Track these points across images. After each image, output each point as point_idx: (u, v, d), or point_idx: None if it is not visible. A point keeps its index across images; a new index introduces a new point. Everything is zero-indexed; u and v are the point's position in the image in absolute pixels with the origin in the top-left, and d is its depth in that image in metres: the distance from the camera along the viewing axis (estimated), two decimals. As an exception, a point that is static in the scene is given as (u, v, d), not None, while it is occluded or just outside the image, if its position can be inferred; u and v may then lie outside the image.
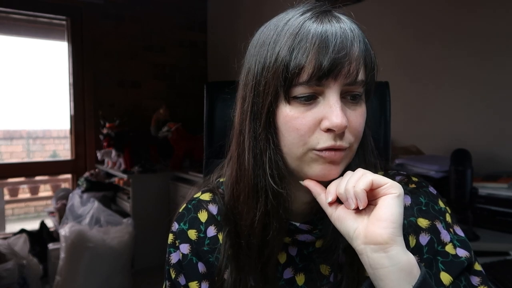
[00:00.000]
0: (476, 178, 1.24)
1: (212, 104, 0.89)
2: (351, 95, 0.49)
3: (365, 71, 0.49)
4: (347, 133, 0.48)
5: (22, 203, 4.22)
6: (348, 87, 0.48)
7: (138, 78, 3.10)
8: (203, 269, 0.58)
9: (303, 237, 0.55)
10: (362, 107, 0.50)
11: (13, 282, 1.98)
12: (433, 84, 1.74)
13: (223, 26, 3.20)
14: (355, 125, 0.49)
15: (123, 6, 2.99)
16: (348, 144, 0.49)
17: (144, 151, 2.73)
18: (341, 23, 0.48)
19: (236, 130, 0.54)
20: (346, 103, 0.49)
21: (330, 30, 0.47)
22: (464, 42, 1.61)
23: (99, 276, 2.13)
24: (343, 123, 0.46)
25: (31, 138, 4.31)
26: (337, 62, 0.45)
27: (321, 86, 0.47)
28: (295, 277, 0.57)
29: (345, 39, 0.46)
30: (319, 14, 0.48)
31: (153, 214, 2.63)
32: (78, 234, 2.11)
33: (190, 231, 0.60)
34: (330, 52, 0.45)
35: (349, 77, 0.47)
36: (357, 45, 0.47)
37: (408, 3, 1.83)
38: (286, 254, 0.57)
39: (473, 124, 1.59)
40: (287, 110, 0.48)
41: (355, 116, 0.49)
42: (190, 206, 0.62)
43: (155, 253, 2.67)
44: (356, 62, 0.47)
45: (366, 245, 0.44)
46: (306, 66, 0.46)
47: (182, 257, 0.59)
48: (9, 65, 3.46)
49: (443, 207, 0.56)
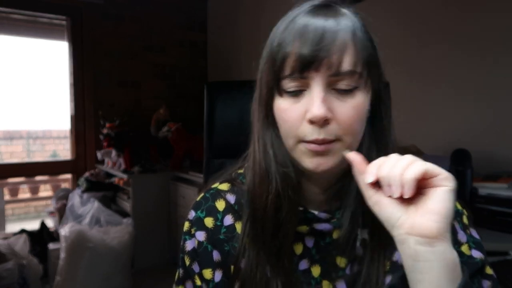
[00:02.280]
0: (476, 178, 1.24)
1: (212, 104, 0.89)
2: (341, 87, 0.48)
3: (354, 63, 0.48)
4: (333, 125, 0.48)
5: (22, 203, 4.22)
6: (334, 78, 0.47)
7: (138, 78, 3.10)
8: (218, 257, 0.58)
9: (321, 226, 0.55)
10: (355, 99, 0.49)
11: (13, 282, 1.98)
12: (433, 84, 1.74)
13: (223, 26, 3.20)
14: (343, 117, 0.48)
15: (123, 6, 2.99)
16: (333, 137, 0.48)
17: (144, 151, 2.73)
18: (333, 16, 0.48)
19: (252, 120, 0.58)
20: (337, 95, 0.48)
21: (314, 22, 0.47)
22: (464, 42, 1.61)
23: (99, 276, 2.13)
24: (321, 113, 0.46)
25: (31, 138, 4.31)
26: (316, 53, 0.46)
27: (305, 79, 0.48)
28: (310, 269, 0.56)
29: (328, 30, 0.46)
30: (315, 8, 0.49)
31: (153, 214, 2.63)
32: (78, 234, 2.11)
33: (207, 219, 0.60)
34: (309, 43, 0.46)
35: (331, 68, 0.46)
36: (342, 35, 0.47)
37: (408, 4, 1.83)
38: (303, 245, 0.57)
39: (473, 124, 1.59)
40: (280, 102, 0.51)
41: (345, 108, 0.48)
42: (208, 195, 0.62)
43: (155, 253, 2.67)
44: (340, 52, 0.46)
45: (410, 236, 0.42)
46: (288, 59, 0.48)
47: (197, 245, 0.59)
48: (9, 65, 3.46)
49: (460, 209, 0.57)
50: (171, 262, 2.71)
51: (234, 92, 0.90)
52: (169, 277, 2.75)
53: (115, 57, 2.98)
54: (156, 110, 2.95)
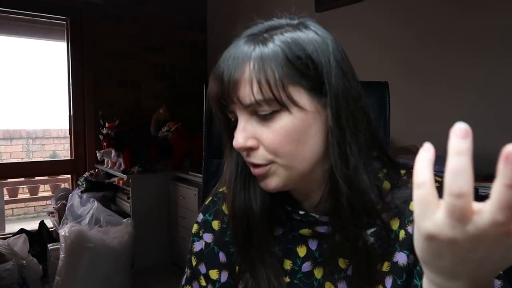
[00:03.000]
0: (476, 178, 1.24)
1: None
2: (257, 116, 0.49)
3: (263, 91, 0.46)
4: (261, 151, 0.49)
5: (22, 203, 4.22)
6: (250, 108, 0.48)
7: (138, 78, 3.10)
8: (224, 258, 0.62)
9: (323, 228, 0.56)
10: (278, 123, 0.48)
11: (13, 282, 1.98)
12: (433, 84, 1.74)
13: (223, 26, 3.20)
14: (267, 143, 0.48)
15: (123, 6, 2.99)
16: (263, 161, 0.49)
17: (144, 151, 2.73)
18: (251, 43, 0.49)
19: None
20: (258, 121, 0.49)
21: (227, 55, 0.50)
22: (464, 42, 1.61)
23: (99, 276, 2.13)
24: (238, 144, 0.48)
25: (31, 138, 4.31)
26: (226, 91, 0.48)
27: (232, 112, 0.50)
28: (313, 270, 0.57)
29: (235, 63, 0.48)
30: (241, 39, 0.52)
31: (153, 214, 2.63)
32: (78, 234, 2.10)
33: (214, 221, 0.63)
34: (218, 79, 0.49)
35: (243, 100, 0.48)
36: (250, 66, 0.47)
37: (408, 4, 1.83)
38: (306, 247, 0.58)
39: (473, 124, 1.58)
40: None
41: (267, 133, 0.48)
42: (216, 199, 0.65)
43: (155, 253, 2.67)
44: (247, 84, 0.47)
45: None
46: (212, 96, 0.51)
47: (204, 246, 0.63)
48: (9, 65, 3.46)
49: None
50: (171, 262, 2.71)
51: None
52: (169, 277, 2.75)
53: (115, 57, 2.98)
54: (156, 110, 2.95)
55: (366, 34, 1.96)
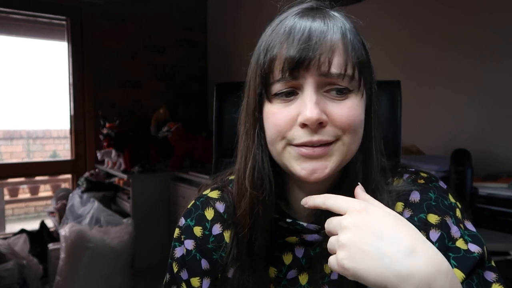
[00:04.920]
0: (476, 178, 1.24)
1: (222, 104, 0.90)
2: (335, 89, 0.47)
3: (344, 64, 0.47)
4: (329, 127, 0.47)
5: (22, 203, 4.22)
6: (326, 79, 0.46)
7: (138, 78, 3.10)
8: (206, 265, 0.59)
9: (310, 237, 0.54)
10: (351, 101, 0.48)
11: (13, 282, 1.98)
12: (433, 84, 1.74)
13: (223, 26, 3.20)
14: (341, 118, 0.47)
15: (123, 6, 2.99)
16: (332, 138, 0.47)
17: (144, 151, 2.73)
18: (321, 17, 0.47)
19: (238, 130, 0.57)
20: (330, 97, 0.47)
21: (301, 23, 0.46)
22: (464, 42, 1.61)
23: (99, 276, 2.13)
24: (314, 116, 0.45)
25: (31, 138, 4.30)
26: (305, 53, 0.45)
27: (296, 80, 0.47)
28: (298, 277, 0.56)
29: (315, 30, 0.46)
30: (303, 11, 0.49)
31: (153, 214, 2.63)
32: (78, 234, 2.11)
33: (195, 227, 0.60)
34: (296, 43, 0.45)
35: (321, 67, 0.45)
36: (331, 36, 0.46)
37: (408, 4, 1.83)
38: (292, 255, 0.57)
39: (473, 124, 1.59)
40: (269, 106, 0.50)
41: (341, 108, 0.47)
42: (198, 203, 0.62)
43: (155, 253, 2.67)
44: (328, 52, 0.46)
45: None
46: (276, 61, 0.47)
47: (186, 253, 0.60)
48: (9, 65, 3.46)
49: (453, 202, 0.55)
50: (171, 262, 2.71)
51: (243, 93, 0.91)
52: (169, 277, 2.70)
53: (115, 57, 2.99)
54: (156, 110, 2.95)
55: (366, 34, 1.95)
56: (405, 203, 0.55)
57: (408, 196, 0.55)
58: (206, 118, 3.33)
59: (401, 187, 0.55)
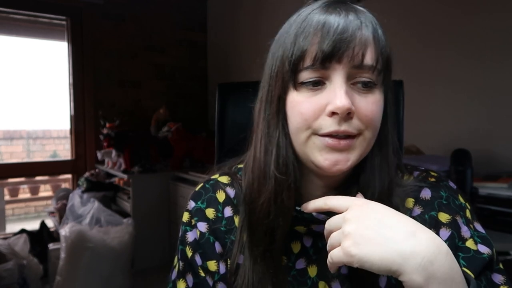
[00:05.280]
0: (476, 178, 1.24)
1: (224, 105, 0.90)
2: (362, 82, 0.47)
3: (376, 58, 0.48)
4: (355, 120, 0.47)
5: (22, 203, 4.22)
6: (355, 70, 0.47)
7: (138, 78, 3.10)
8: (220, 249, 0.58)
9: (319, 227, 0.54)
10: (375, 95, 0.48)
11: (13, 282, 1.98)
12: (433, 84, 1.74)
13: (223, 26, 3.20)
14: (365, 112, 0.47)
15: (123, 6, 2.99)
16: (355, 130, 0.47)
17: (144, 151, 2.73)
18: (349, 11, 0.48)
19: (254, 119, 0.56)
20: (357, 90, 0.48)
21: (334, 16, 0.47)
22: (464, 42, 1.61)
23: (99, 276, 2.13)
24: (345, 105, 0.45)
25: (31, 138, 4.30)
26: (340, 44, 0.45)
27: (326, 70, 0.47)
28: (307, 268, 0.56)
29: (349, 23, 0.46)
30: (330, 4, 0.49)
31: (153, 214, 2.63)
32: (78, 234, 2.11)
33: (208, 209, 0.59)
34: (331, 34, 0.46)
35: (354, 59, 0.46)
36: (364, 30, 0.47)
37: (408, 4, 1.83)
38: (301, 244, 0.57)
39: (473, 124, 1.59)
40: (294, 95, 0.49)
41: (366, 102, 0.47)
42: (208, 185, 0.61)
43: (155, 253, 2.67)
44: (362, 45, 0.46)
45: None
46: (309, 49, 0.47)
47: (199, 236, 0.58)
48: (9, 65, 3.45)
49: (463, 203, 0.55)
50: (171, 262, 2.70)
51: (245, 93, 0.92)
52: (169, 277, 2.69)
53: (115, 57, 2.99)
54: (156, 110, 2.95)
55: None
56: (416, 200, 0.55)
57: (418, 193, 0.55)
58: (206, 118, 3.33)
59: (412, 183, 0.55)
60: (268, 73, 0.53)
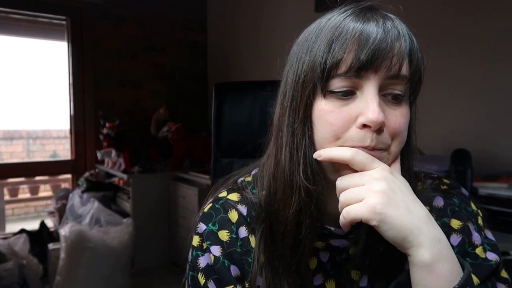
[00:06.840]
0: (476, 178, 1.24)
1: (221, 104, 0.90)
2: (392, 94, 0.47)
3: (412, 70, 0.47)
4: (385, 133, 0.46)
5: (22, 203, 4.22)
6: (388, 81, 0.46)
7: (138, 78, 3.10)
8: (236, 272, 0.54)
9: (337, 242, 0.53)
10: (404, 108, 0.48)
11: (13, 282, 1.98)
12: (433, 85, 1.74)
13: (223, 26, 3.20)
14: (394, 125, 0.46)
15: (123, 6, 2.99)
16: (384, 146, 0.46)
17: (144, 151, 2.73)
18: (385, 19, 0.47)
19: (275, 126, 0.53)
20: (386, 102, 0.47)
21: (372, 24, 0.46)
22: (465, 42, 1.61)
23: (99, 276, 2.13)
24: (379, 118, 0.43)
25: (31, 138, 4.30)
26: (378, 54, 0.44)
27: (359, 79, 0.45)
28: (325, 284, 0.55)
29: (387, 33, 0.45)
30: (362, 11, 0.48)
31: (153, 214, 2.63)
32: (78, 234, 2.11)
33: (221, 232, 0.55)
34: (370, 43, 0.44)
35: (391, 70, 0.45)
36: (402, 41, 0.46)
37: (408, 5, 1.83)
38: (317, 260, 0.55)
39: (473, 124, 1.59)
40: (323, 104, 0.47)
41: (395, 115, 0.46)
42: (218, 205, 0.57)
43: (155, 253, 2.67)
44: (400, 56, 0.45)
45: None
46: (344, 57, 0.45)
47: (213, 261, 0.54)
48: (9, 65, 3.45)
49: (475, 210, 0.55)
50: (171, 262, 2.71)
51: (241, 93, 0.91)
52: (169, 277, 2.76)
53: (115, 57, 2.99)
54: (156, 110, 2.95)
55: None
56: (430, 208, 0.54)
57: (432, 201, 0.55)
58: (206, 118, 3.33)
59: (426, 192, 0.55)
60: (292, 78, 0.50)
